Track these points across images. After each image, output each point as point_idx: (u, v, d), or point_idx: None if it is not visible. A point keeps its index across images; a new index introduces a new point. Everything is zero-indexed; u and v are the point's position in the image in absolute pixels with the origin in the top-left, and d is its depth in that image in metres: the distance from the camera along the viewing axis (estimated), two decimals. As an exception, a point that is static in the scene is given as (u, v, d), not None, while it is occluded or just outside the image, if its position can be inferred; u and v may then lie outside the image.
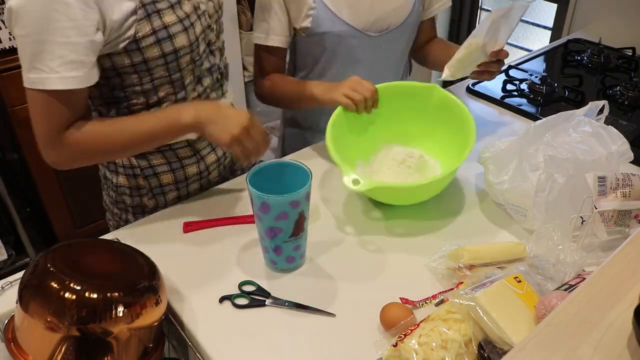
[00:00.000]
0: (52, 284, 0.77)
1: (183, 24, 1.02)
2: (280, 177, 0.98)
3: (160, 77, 1.05)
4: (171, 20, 1.01)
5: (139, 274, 0.85)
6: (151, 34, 0.99)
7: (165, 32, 1.00)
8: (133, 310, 0.79)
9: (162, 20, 1.00)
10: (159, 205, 1.21)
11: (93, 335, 0.76)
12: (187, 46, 1.04)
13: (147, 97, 1.07)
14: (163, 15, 1.00)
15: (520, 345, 0.58)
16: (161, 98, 1.08)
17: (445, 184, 1.15)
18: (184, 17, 1.03)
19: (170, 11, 1.01)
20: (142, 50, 0.99)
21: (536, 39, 2.61)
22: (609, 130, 1.09)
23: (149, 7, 0.98)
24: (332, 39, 1.31)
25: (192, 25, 1.04)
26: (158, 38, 1.00)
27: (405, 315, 0.86)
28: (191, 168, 1.20)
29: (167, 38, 1.01)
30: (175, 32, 1.01)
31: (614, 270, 0.65)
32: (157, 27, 0.99)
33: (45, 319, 0.76)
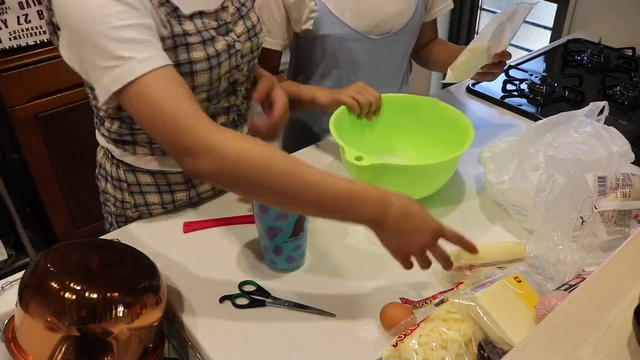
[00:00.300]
0: (52, 284, 0.77)
1: (209, 62, 0.96)
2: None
3: None
4: (198, 57, 0.94)
5: (139, 274, 0.85)
6: (174, 66, 0.86)
7: (189, 67, 0.94)
8: (133, 310, 0.79)
9: (190, 54, 0.93)
10: (143, 217, 1.15)
11: (93, 335, 0.76)
12: (207, 84, 0.98)
13: None
14: (192, 50, 0.94)
15: (520, 345, 0.58)
16: None
17: (446, 174, 1.15)
18: (213, 55, 0.96)
19: (200, 47, 0.94)
20: None
21: (536, 39, 2.61)
22: (610, 131, 1.09)
23: (179, 38, 0.92)
24: (333, 41, 1.31)
25: (219, 65, 0.98)
26: (180, 72, 0.90)
27: (405, 315, 0.86)
28: (180, 194, 1.14)
29: (189, 74, 0.95)
30: (199, 69, 0.95)
31: (614, 270, 0.65)
32: (182, 60, 0.93)
33: (45, 319, 0.76)
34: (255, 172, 0.77)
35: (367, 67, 1.37)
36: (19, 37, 1.91)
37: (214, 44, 0.97)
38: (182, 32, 0.92)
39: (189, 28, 0.93)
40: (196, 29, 0.94)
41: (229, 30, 1.00)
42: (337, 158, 1.32)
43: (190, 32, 0.93)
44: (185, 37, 0.93)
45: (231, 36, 1.00)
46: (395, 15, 1.33)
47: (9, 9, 1.87)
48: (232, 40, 1.00)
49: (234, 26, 1.02)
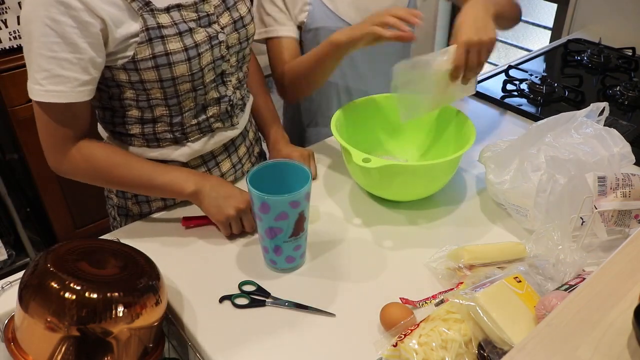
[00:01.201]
0: (52, 284, 0.77)
1: (187, 53, 0.99)
2: (280, 177, 0.98)
3: (156, 99, 1.03)
4: (175, 48, 0.97)
5: (139, 273, 0.85)
6: (150, 59, 0.96)
7: (166, 59, 0.97)
8: (133, 310, 0.79)
9: (166, 46, 0.97)
10: (143, 212, 1.18)
11: (93, 335, 0.76)
12: (188, 75, 1.01)
13: (143, 112, 1.05)
14: (167, 42, 0.97)
15: (520, 345, 0.58)
16: (156, 117, 1.06)
17: (450, 173, 1.15)
18: (191, 46, 0.99)
19: (176, 38, 0.97)
20: (139, 72, 0.98)
21: (536, 39, 2.61)
22: (611, 133, 1.10)
23: (153, 31, 0.95)
24: (327, 34, 1.31)
25: (199, 56, 1.01)
26: (157, 64, 0.97)
27: (405, 315, 0.86)
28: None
29: (167, 65, 0.98)
30: (177, 60, 0.98)
31: (614, 270, 0.65)
32: (158, 52, 0.96)
33: (45, 319, 0.76)
34: (96, 173, 1.05)
35: (361, 62, 1.37)
36: (19, 37, 1.91)
37: (192, 35, 0.99)
38: (156, 24, 0.96)
39: (164, 21, 0.97)
40: (172, 21, 0.97)
41: (211, 22, 1.03)
42: (338, 158, 1.32)
43: (165, 25, 0.97)
44: (160, 29, 0.96)
45: (214, 27, 1.03)
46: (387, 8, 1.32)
47: (9, 9, 1.88)
48: (214, 31, 1.03)
49: (219, 18, 1.04)
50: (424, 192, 1.15)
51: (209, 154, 1.17)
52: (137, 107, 1.05)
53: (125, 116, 1.06)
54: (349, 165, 1.15)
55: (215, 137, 1.15)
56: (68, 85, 0.93)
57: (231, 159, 1.21)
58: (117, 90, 1.02)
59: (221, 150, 1.19)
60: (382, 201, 1.18)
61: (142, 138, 1.09)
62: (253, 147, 1.30)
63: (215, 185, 1.07)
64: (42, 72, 0.92)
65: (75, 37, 0.90)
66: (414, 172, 1.10)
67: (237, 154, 1.23)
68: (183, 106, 1.06)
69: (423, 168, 1.11)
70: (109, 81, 1.00)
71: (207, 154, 1.16)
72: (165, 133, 1.09)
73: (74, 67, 0.92)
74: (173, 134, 1.09)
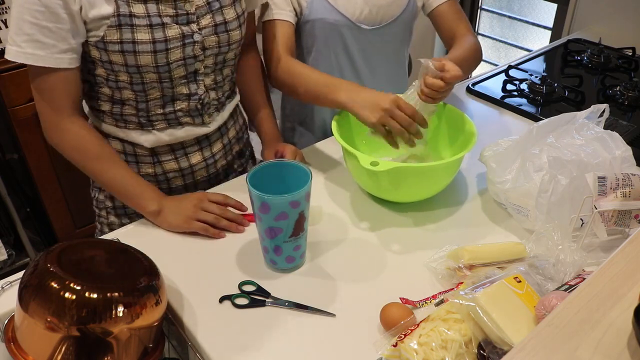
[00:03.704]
0: (52, 284, 0.77)
1: (154, 46, 1.01)
2: (280, 177, 0.98)
3: (123, 81, 1.06)
4: (142, 39, 1.00)
5: (139, 273, 0.85)
6: (117, 43, 0.99)
7: (132, 46, 1.00)
8: (133, 310, 0.79)
9: (134, 35, 0.99)
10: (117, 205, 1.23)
11: (93, 335, 0.76)
12: (153, 66, 1.03)
13: (113, 92, 1.09)
14: (136, 31, 0.99)
15: (520, 345, 0.58)
16: (124, 99, 1.09)
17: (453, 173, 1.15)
18: (160, 40, 1.01)
19: (146, 29, 1.00)
20: (107, 53, 1.01)
21: (536, 39, 2.61)
22: (613, 136, 1.10)
23: (124, 18, 0.98)
24: (324, 26, 1.31)
25: (167, 50, 1.03)
26: (123, 49, 1.00)
27: (405, 315, 0.86)
28: (146, 167, 1.20)
29: (132, 53, 1.01)
30: (142, 50, 1.01)
31: (614, 270, 0.65)
32: (126, 39, 0.99)
33: (45, 319, 0.76)
34: (75, 154, 1.08)
35: (359, 57, 1.38)
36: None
37: (165, 30, 1.02)
38: (128, 12, 0.99)
39: (137, 11, 0.99)
40: (146, 12, 1.00)
41: (190, 21, 1.05)
42: (338, 158, 1.32)
43: (137, 14, 0.99)
44: (131, 18, 0.99)
45: (191, 27, 1.05)
46: (386, 6, 1.33)
47: (9, 9, 1.87)
48: (190, 30, 1.05)
49: (200, 18, 1.06)
50: (428, 193, 1.15)
51: (178, 144, 1.18)
52: (108, 86, 1.08)
53: (99, 92, 1.10)
54: (352, 168, 1.15)
55: (184, 130, 1.16)
56: (46, 51, 0.97)
57: (203, 153, 1.22)
58: (92, 66, 1.06)
59: (192, 143, 1.20)
60: (382, 202, 1.18)
61: (112, 117, 1.13)
62: (232, 146, 1.30)
63: (172, 200, 1.12)
64: (22, 36, 0.96)
65: (58, 8, 0.94)
66: (423, 174, 1.11)
67: (210, 149, 1.23)
68: (149, 94, 1.08)
69: (431, 169, 1.11)
70: (87, 55, 1.04)
71: (176, 144, 1.18)
72: (132, 116, 1.12)
73: (53, 35, 0.96)
74: (139, 118, 1.12)
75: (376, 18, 1.33)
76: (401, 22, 1.37)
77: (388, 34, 1.37)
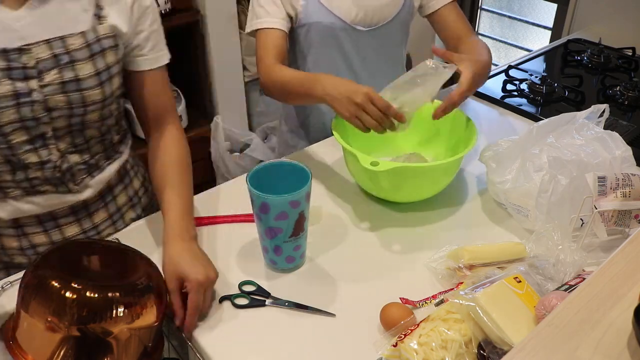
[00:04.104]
0: (52, 284, 0.77)
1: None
2: (280, 177, 0.98)
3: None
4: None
5: (140, 274, 0.85)
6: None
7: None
8: (133, 310, 0.79)
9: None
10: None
11: (93, 335, 0.76)
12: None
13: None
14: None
15: (520, 345, 0.58)
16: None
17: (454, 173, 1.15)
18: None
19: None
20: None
21: (536, 39, 2.61)
22: (613, 136, 1.10)
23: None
24: (320, 29, 1.31)
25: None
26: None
27: (405, 315, 0.86)
28: (8, 240, 1.04)
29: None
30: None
31: (614, 270, 0.65)
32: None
33: (46, 319, 0.76)
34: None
35: (356, 59, 1.37)
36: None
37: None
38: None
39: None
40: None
41: (28, 76, 0.88)
42: (338, 158, 1.32)
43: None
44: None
45: (30, 83, 0.88)
46: (382, 7, 1.32)
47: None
48: (26, 88, 0.88)
49: (43, 74, 0.89)
50: (429, 193, 1.15)
51: (46, 214, 1.01)
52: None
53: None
54: (352, 168, 1.15)
55: (47, 198, 0.99)
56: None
57: (81, 224, 1.06)
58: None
59: (66, 213, 1.03)
60: (382, 202, 1.18)
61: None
62: (123, 213, 1.14)
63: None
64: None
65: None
66: (423, 174, 1.11)
67: (90, 219, 1.07)
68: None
69: (431, 169, 1.11)
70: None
71: (44, 214, 1.01)
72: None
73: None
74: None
75: (372, 19, 1.33)
76: (397, 23, 1.37)
77: (384, 35, 1.37)
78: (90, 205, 1.06)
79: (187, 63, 2.39)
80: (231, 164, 2.42)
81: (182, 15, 2.18)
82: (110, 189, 1.10)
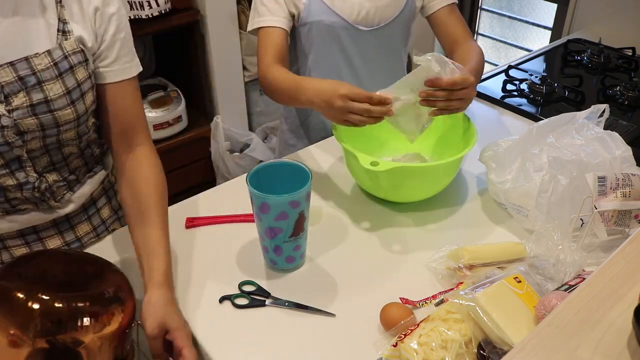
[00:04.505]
0: (16, 295, 0.73)
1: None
2: (280, 177, 0.98)
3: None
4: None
5: (108, 283, 0.81)
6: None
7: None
8: (101, 319, 0.76)
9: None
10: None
11: (63, 347, 0.73)
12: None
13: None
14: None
15: (520, 345, 0.58)
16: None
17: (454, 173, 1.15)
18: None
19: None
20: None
21: (536, 39, 2.61)
22: (613, 136, 1.10)
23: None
24: (322, 28, 1.31)
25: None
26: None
27: (405, 315, 0.86)
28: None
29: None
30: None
31: (614, 270, 0.65)
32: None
33: (8, 332, 0.72)
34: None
35: (357, 59, 1.37)
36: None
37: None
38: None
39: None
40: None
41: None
42: (338, 158, 1.32)
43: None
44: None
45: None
46: (383, 7, 1.32)
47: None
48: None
49: (10, 97, 0.85)
50: (428, 193, 1.15)
51: (29, 228, 1.00)
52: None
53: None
54: (352, 168, 1.15)
55: (29, 216, 0.98)
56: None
57: (64, 237, 1.05)
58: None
59: (48, 226, 1.02)
60: (382, 202, 1.18)
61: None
62: (109, 225, 1.13)
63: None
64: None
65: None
66: (423, 174, 1.11)
67: (73, 232, 1.06)
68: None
69: (431, 169, 1.11)
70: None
71: (27, 228, 1.00)
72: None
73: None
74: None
75: (374, 19, 1.33)
76: (399, 23, 1.37)
77: (386, 35, 1.37)
78: (73, 219, 1.05)
79: (187, 63, 2.39)
80: (231, 164, 2.42)
81: (182, 15, 2.18)
82: (94, 201, 1.08)
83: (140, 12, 2.05)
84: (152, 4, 2.06)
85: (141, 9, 2.05)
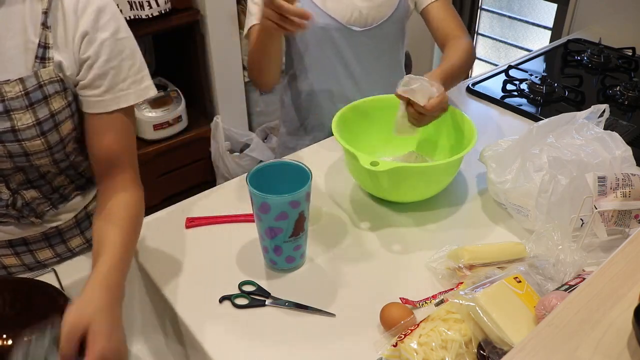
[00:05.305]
0: None
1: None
2: (280, 177, 0.98)
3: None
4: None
5: (48, 316, 0.76)
6: None
7: None
8: None
9: None
10: None
11: None
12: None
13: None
14: None
15: (520, 345, 0.58)
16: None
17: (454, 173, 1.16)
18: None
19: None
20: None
21: (536, 39, 2.61)
22: (613, 136, 1.10)
23: None
24: (315, 31, 1.31)
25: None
26: None
27: (405, 315, 0.86)
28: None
29: None
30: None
31: (614, 270, 0.65)
32: None
33: None
34: None
35: (352, 60, 1.37)
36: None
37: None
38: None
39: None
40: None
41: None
42: (338, 158, 1.32)
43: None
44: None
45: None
46: (376, 7, 1.32)
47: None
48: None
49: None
50: (428, 193, 1.15)
51: (17, 239, 0.98)
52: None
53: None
54: (352, 168, 1.15)
55: (11, 229, 0.96)
56: None
57: (55, 249, 1.03)
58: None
59: (38, 239, 1.00)
60: (382, 202, 1.18)
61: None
62: None
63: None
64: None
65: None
66: (423, 174, 1.11)
67: (65, 245, 1.03)
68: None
69: (431, 169, 1.11)
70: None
71: (15, 239, 0.98)
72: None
73: None
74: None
75: (367, 19, 1.33)
76: (393, 23, 1.37)
77: (380, 35, 1.37)
78: (65, 233, 1.02)
79: (187, 63, 2.39)
80: (231, 164, 2.42)
81: (182, 15, 2.18)
82: (88, 216, 1.04)
83: (140, 12, 2.05)
84: (152, 4, 2.06)
85: (141, 9, 2.05)
